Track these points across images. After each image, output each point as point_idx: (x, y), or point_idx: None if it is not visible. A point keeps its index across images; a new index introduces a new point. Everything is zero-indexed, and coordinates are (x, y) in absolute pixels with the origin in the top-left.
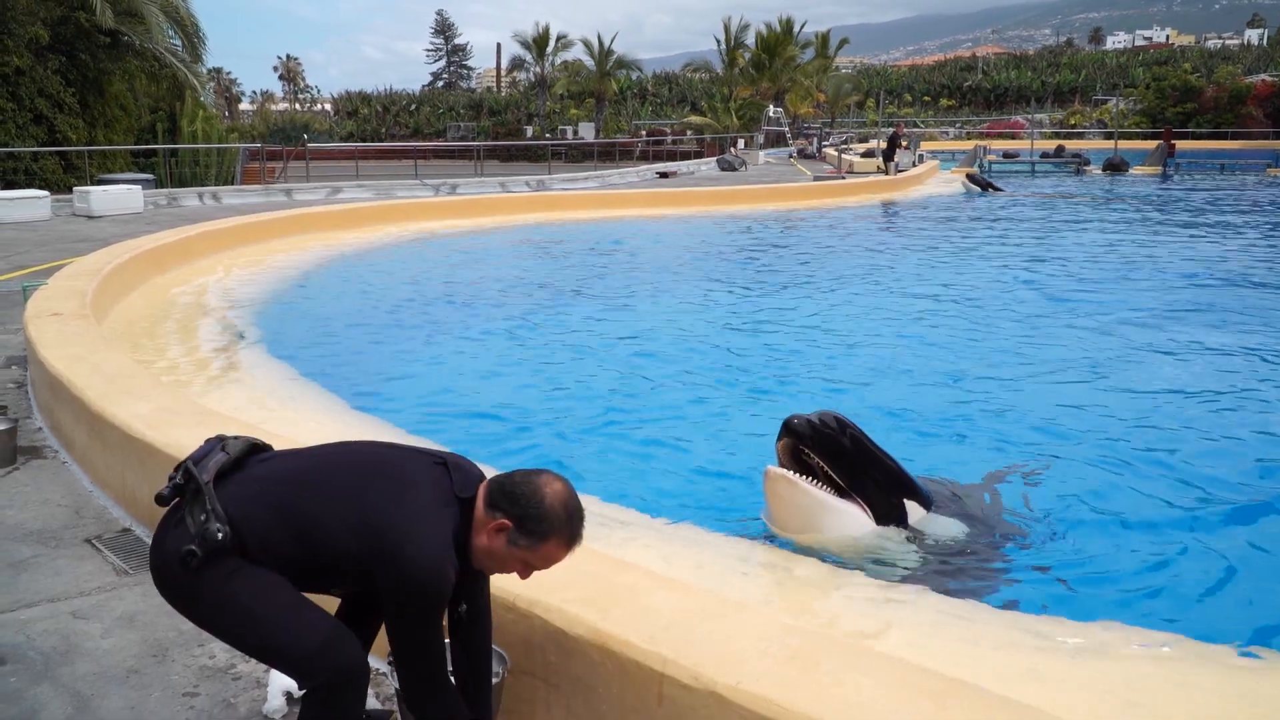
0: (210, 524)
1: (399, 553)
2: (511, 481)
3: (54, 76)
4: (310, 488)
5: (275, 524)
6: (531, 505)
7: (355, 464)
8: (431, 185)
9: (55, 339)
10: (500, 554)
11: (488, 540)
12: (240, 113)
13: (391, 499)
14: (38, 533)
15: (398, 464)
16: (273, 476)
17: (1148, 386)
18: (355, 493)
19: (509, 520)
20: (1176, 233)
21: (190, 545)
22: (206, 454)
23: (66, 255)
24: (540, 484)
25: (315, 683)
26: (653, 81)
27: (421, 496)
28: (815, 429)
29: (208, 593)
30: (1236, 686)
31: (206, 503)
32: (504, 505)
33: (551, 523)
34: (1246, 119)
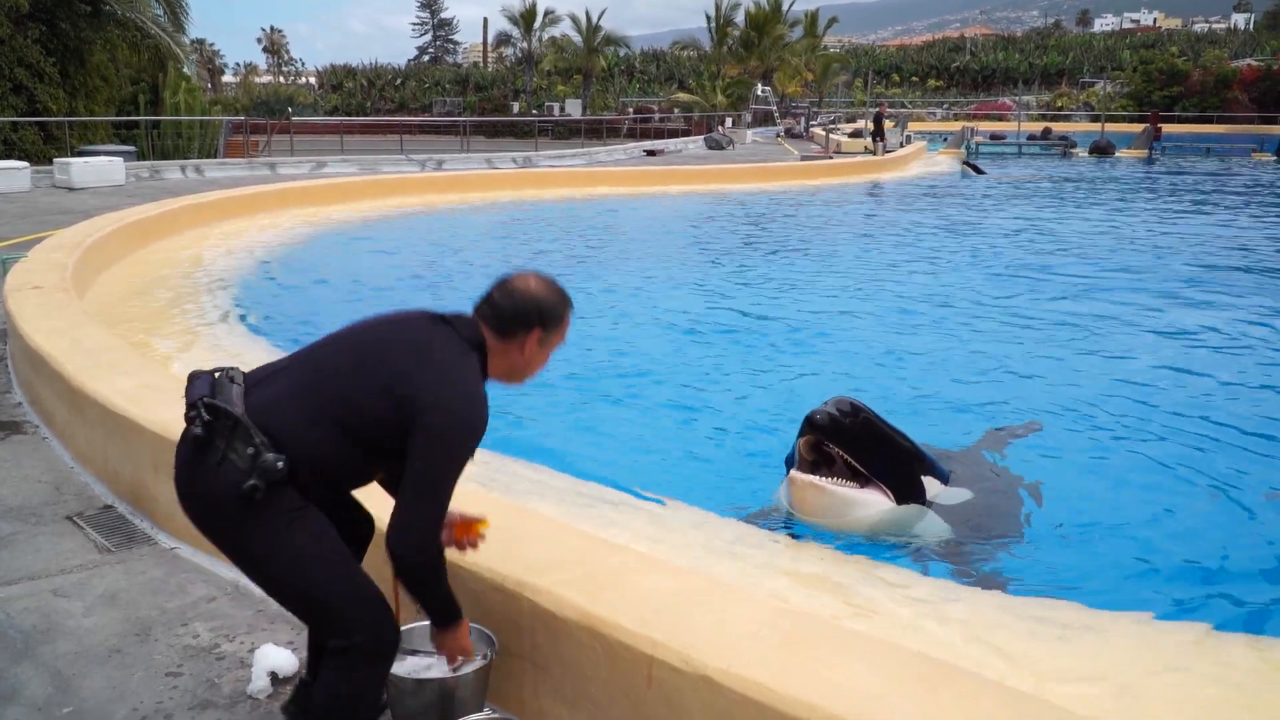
0: (263, 455)
1: (447, 403)
2: (501, 306)
3: (34, 46)
4: (331, 376)
5: (311, 425)
6: (540, 305)
7: (368, 342)
8: (417, 160)
9: (35, 312)
10: (538, 358)
11: (524, 356)
12: (223, 85)
13: (418, 359)
14: (17, 509)
15: (408, 332)
16: (293, 388)
17: (1144, 364)
18: (378, 364)
19: (538, 328)
20: (1163, 211)
21: (251, 480)
22: (214, 387)
23: (47, 228)
24: (524, 288)
25: (352, 642)
26: (640, 59)
27: (442, 351)
28: (836, 422)
29: (264, 534)
30: (1228, 671)
31: (252, 434)
32: (519, 324)
33: (559, 305)
34: (1232, 103)
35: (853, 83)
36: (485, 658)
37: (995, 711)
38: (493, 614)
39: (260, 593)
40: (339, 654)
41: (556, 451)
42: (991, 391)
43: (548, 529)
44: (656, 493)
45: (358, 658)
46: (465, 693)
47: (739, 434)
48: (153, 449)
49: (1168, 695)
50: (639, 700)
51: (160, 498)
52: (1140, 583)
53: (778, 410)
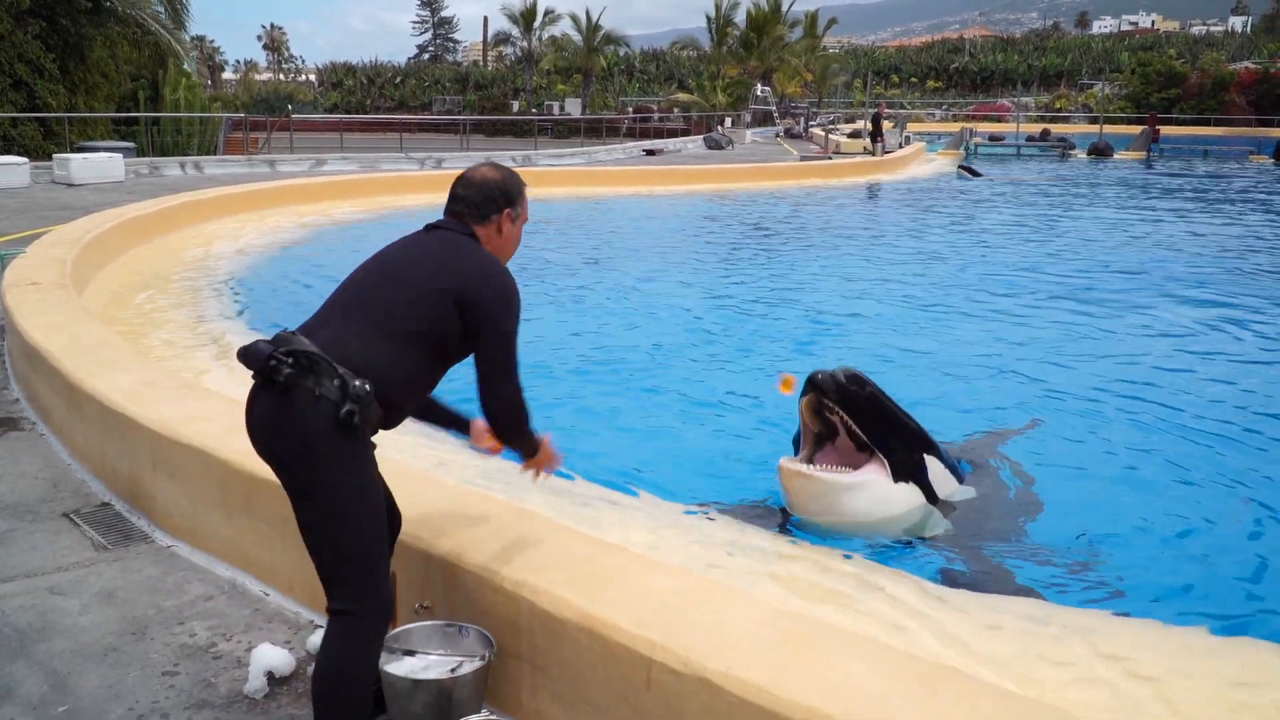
0: (350, 382)
1: (485, 279)
2: (470, 199)
3: (34, 42)
4: (375, 299)
5: (377, 343)
6: (501, 187)
7: (393, 261)
8: (416, 159)
9: (33, 308)
10: (513, 236)
11: (505, 233)
12: (223, 82)
13: (444, 259)
14: (13, 506)
15: (420, 244)
16: (342, 319)
17: (1145, 365)
18: (413, 275)
19: (506, 208)
20: (1163, 212)
21: (347, 406)
22: (285, 340)
23: (46, 223)
24: (480, 177)
25: (359, 608)
26: (640, 58)
27: (458, 245)
28: (839, 384)
29: (343, 460)
30: (1225, 672)
31: (336, 367)
32: (490, 207)
33: (516, 181)
34: (1229, 105)
35: (852, 83)
36: (483, 659)
37: (994, 713)
38: (491, 615)
39: (258, 591)
40: (343, 617)
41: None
42: (992, 390)
43: (546, 530)
44: (655, 492)
45: (359, 626)
46: (463, 694)
47: (738, 434)
48: (151, 446)
49: (1165, 697)
50: (637, 702)
51: (158, 495)
52: (1138, 584)
53: (776, 410)
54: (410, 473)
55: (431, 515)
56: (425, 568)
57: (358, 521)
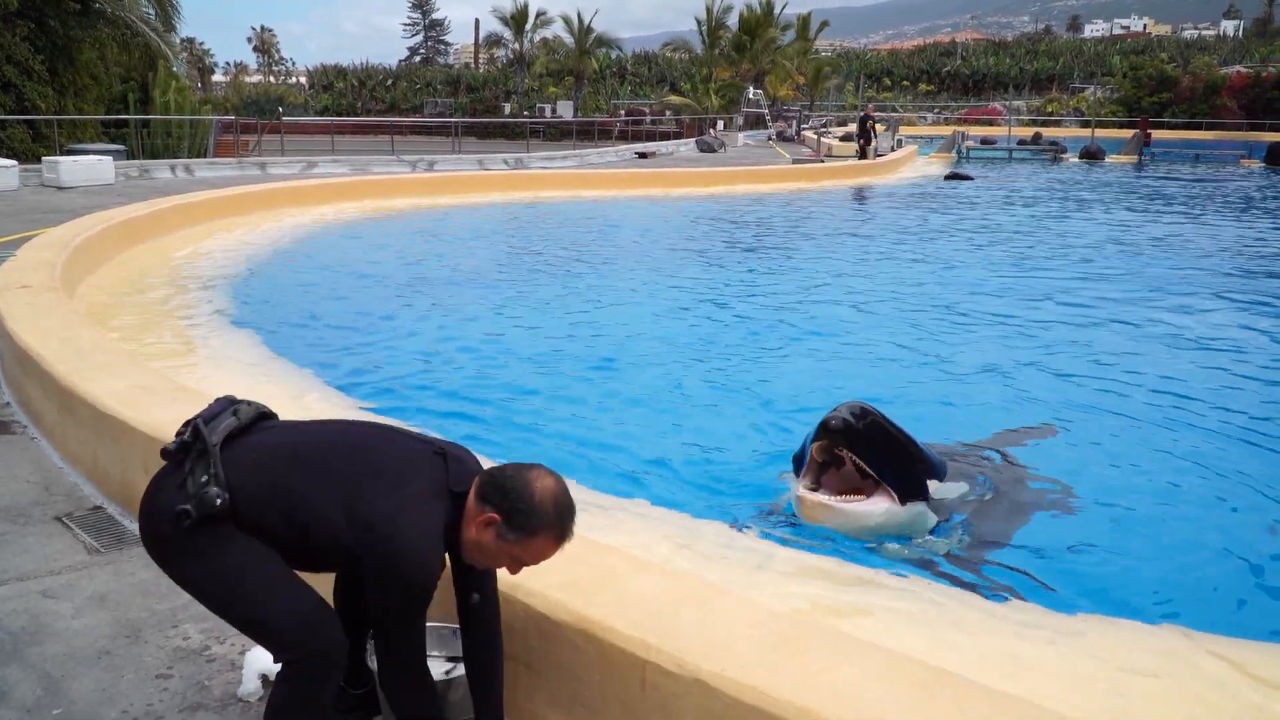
0: (209, 488)
1: (387, 544)
2: (503, 475)
3: (22, 43)
4: (307, 468)
5: (269, 500)
6: (521, 500)
7: (355, 448)
8: (408, 161)
9: (24, 312)
10: (490, 548)
11: (476, 533)
12: (213, 84)
13: (384, 490)
14: (6, 510)
15: (396, 453)
16: (273, 449)
17: (1141, 369)
18: (350, 479)
19: (497, 514)
20: (1156, 215)
21: (186, 505)
22: (217, 415)
23: (35, 226)
24: (531, 478)
25: (291, 657)
26: (632, 61)
27: (414, 487)
28: (850, 428)
29: (196, 556)
30: (1217, 675)
31: (211, 465)
32: (494, 498)
33: (540, 518)
34: (1221, 109)
35: (844, 86)
36: None
37: (988, 716)
38: None
39: None
40: (285, 668)
41: (548, 454)
42: (988, 393)
43: None
44: (650, 495)
45: (302, 673)
46: (457, 695)
47: (732, 436)
48: (143, 450)
49: (1158, 699)
50: (633, 704)
51: None
52: (1133, 587)
53: (772, 412)
54: None
55: None
56: None
57: (241, 593)
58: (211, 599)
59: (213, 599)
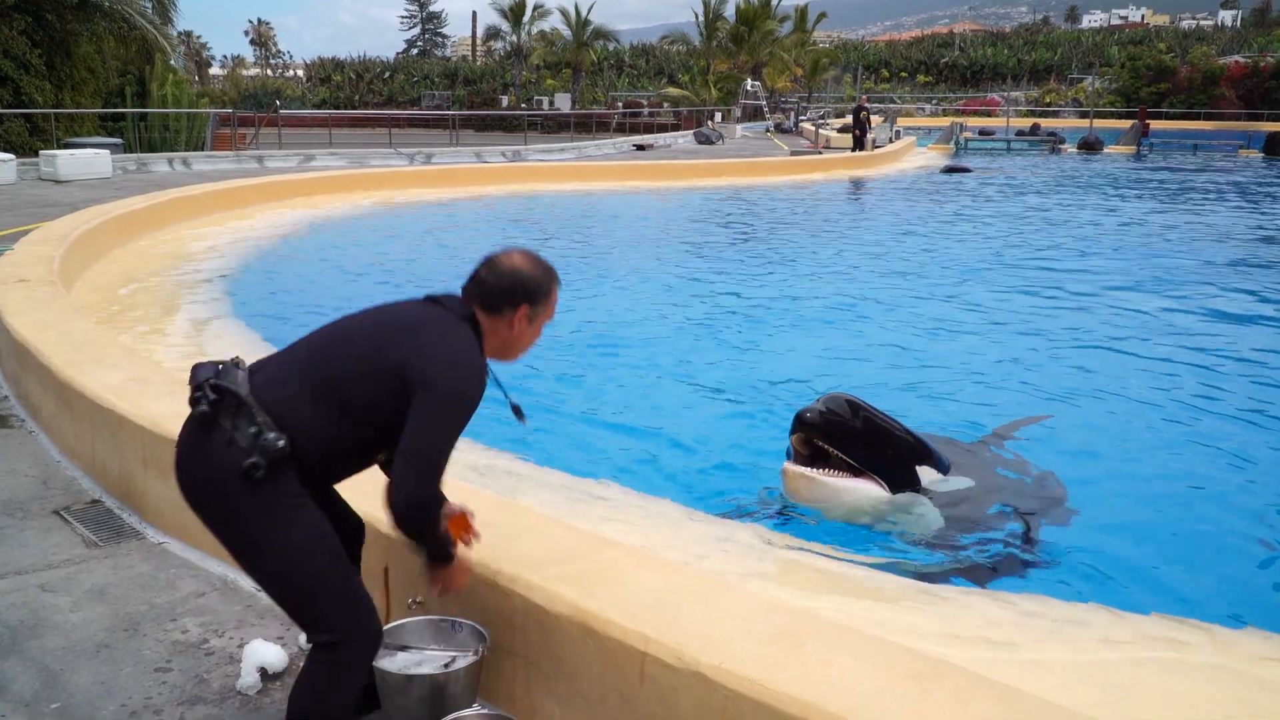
0: (265, 435)
1: (438, 362)
2: (488, 283)
3: (19, 37)
4: (329, 359)
5: (313, 406)
6: (526, 282)
7: (363, 325)
8: (406, 154)
9: (21, 306)
10: (527, 334)
11: (513, 332)
12: (211, 78)
13: (415, 335)
14: (4, 504)
15: (399, 312)
16: (290, 370)
17: (1142, 357)
18: (375, 344)
19: (524, 304)
20: (1154, 205)
21: (252, 459)
22: (220, 372)
23: (33, 220)
24: (509, 264)
25: (334, 638)
26: (630, 53)
27: (437, 324)
28: (824, 418)
29: (260, 519)
30: (1215, 667)
31: (255, 414)
32: (507, 300)
33: (545, 280)
34: (1219, 100)
35: (842, 78)
36: (477, 654)
37: (988, 707)
38: (484, 609)
39: (250, 587)
40: (321, 649)
41: (548, 447)
42: (985, 384)
43: (540, 524)
44: (649, 488)
45: (337, 656)
46: (456, 688)
47: (732, 428)
48: (141, 443)
49: (1157, 689)
50: (631, 697)
51: (149, 492)
52: (1135, 578)
53: (771, 404)
54: None
55: None
56: (418, 563)
57: (296, 563)
58: (263, 566)
59: (265, 566)
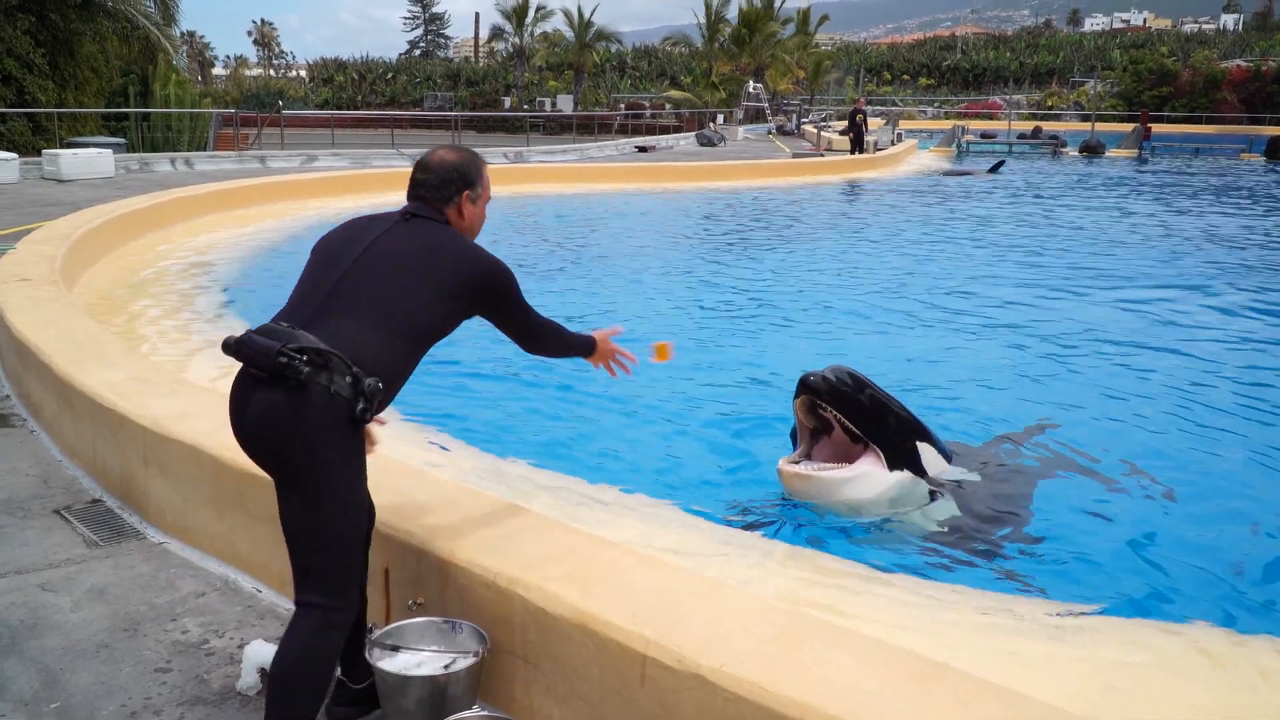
0: (363, 380)
1: (480, 265)
2: (430, 183)
3: (23, 37)
4: (381, 291)
5: (386, 341)
6: (459, 168)
7: (387, 250)
8: (408, 155)
9: (23, 304)
10: (477, 215)
11: (465, 215)
12: (213, 78)
13: (449, 251)
14: (4, 503)
15: (409, 232)
16: (332, 309)
17: (1145, 361)
18: (425, 267)
19: (465, 189)
20: (1158, 208)
21: (362, 405)
22: (281, 334)
23: (35, 219)
24: (437, 160)
25: (332, 604)
26: (632, 55)
27: (440, 236)
28: (829, 384)
29: (348, 465)
30: (1214, 669)
31: (348, 365)
32: (451, 192)
33: (473, 161)
34: (1221, 103)
35: (844, 80)
36: (476, 655)
37: (989, 709)
38: (484, 611)
39: (250, 588)
40: (315, 610)
41: (548, 449)
42: (990, 384)
43: (540, 526)
44: (648, 489)
45: (328, 620)
46: (456, 690)
47: (732, 429)
48: (142, 442)
49: (1157, 694)
50: (631, 698)
51: (150, 492)
52: (1135, 581)
53: (772, 406)
54: (403, 469)
55: (425, 512)
56: (418, 564)
57: (348, 518)
58: (325, 508)
59: (326, 508)
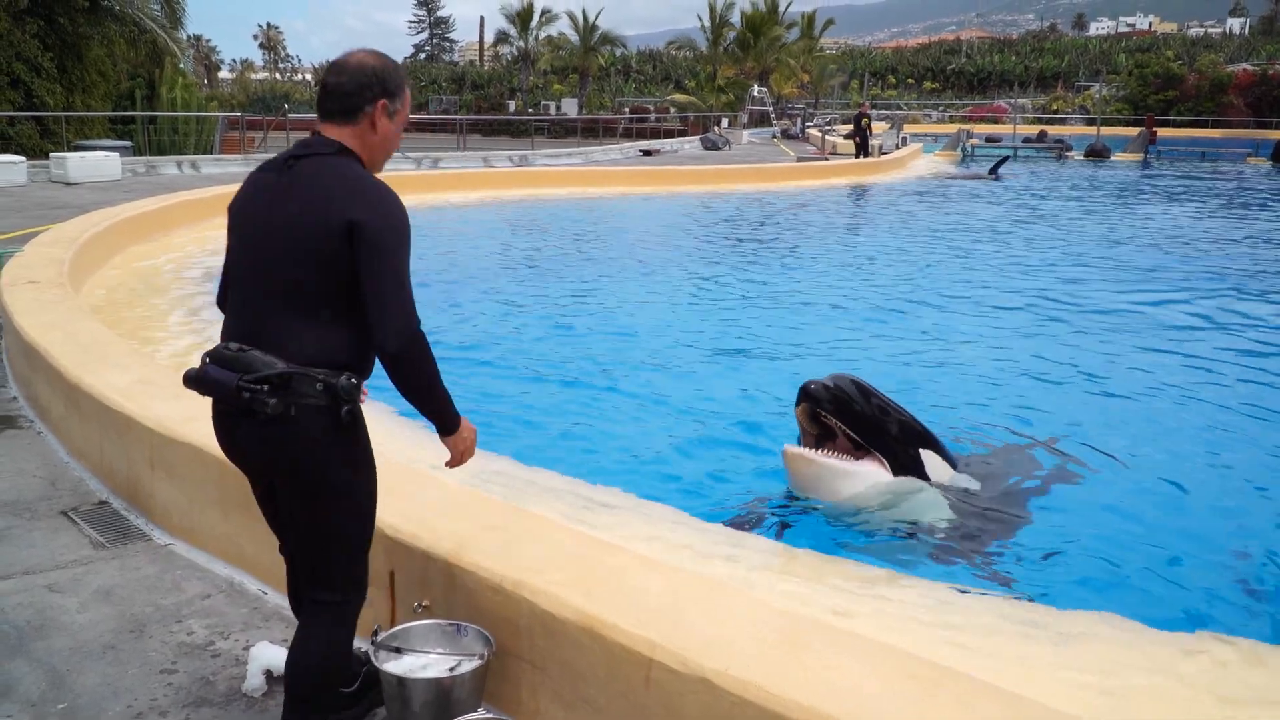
0: (331, 381)
1: (375, 204)
2: (343, 87)
3: (31, 40)
4: (275, 277)
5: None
6: (377, 72)
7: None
8: (413, 158)
9: (31, 307)
10: (392, 131)
11: (379, 129)
12: (219, 81)
13: (321, 206)
14: (12, 504)
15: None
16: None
17: (1155, 369)
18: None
19: (382, 99)
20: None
21: (346, 408)
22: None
23: (43, 222)
24: (354, 62)
25: (346, 599)
26: (637, 58)
27: (327, 177)
28: (830, 392)
29: (357, 465)
30: (1217, 676)
31: (311, 375)
32: (364, 99)
33: (393, 67)
34: (1227, 107)
35: (849, 84)
36: (482, 658)
37: (993, 713)
38: (490, 614)
39: (256, 589)
40: (331, 607)
41: (553, 453)
42: (998, 389)
43: (545, 529)
44: (654, 493)
45: (346, 614)
46: (462, 693)
47: (737, 433)
48: (149, 444)
49: (1158, 699)
50: (637, 701)
51: (156, 494)
52: (1139, 587)
53: (777, 410)
54: (410, 472)
55: (431, 515)
56: (425, 567)
57: (356, 516)
58: (338, 510)
59: (339, 510)
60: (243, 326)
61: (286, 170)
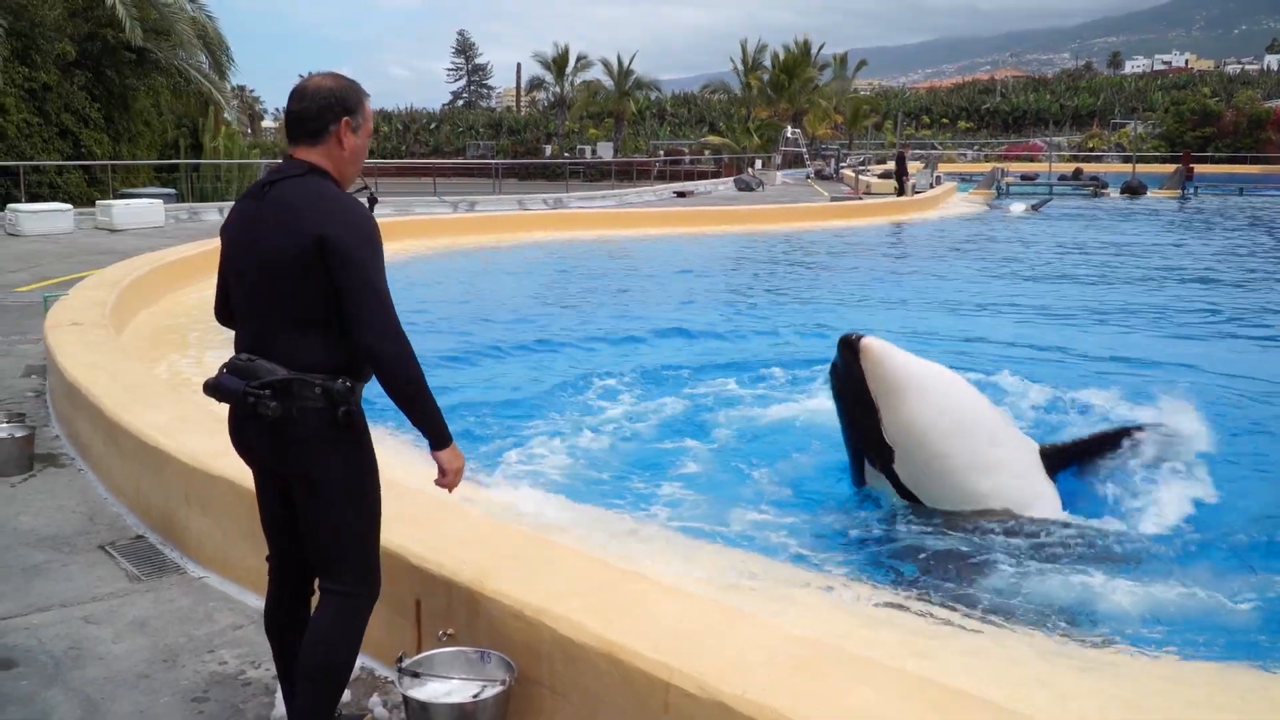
0: (327, 384)
1: (344, 215)
2: (306, 112)
3: (80, 92)
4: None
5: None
6: (336, 93)
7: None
8: (450, 202)
9: (74, 348)
10: (358, 145)
11: (345, 145)
12: (263, 129)
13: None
14: (51, 539)
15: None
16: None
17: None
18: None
19: (345, 116)
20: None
21: (343, 409)
22: (246, 371)
23: (88, 267)
24: (314, 86)
25: (358, 590)
26: (671, 102)
27: (300, 201)
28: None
29: (361, 464)
30: (1240, 703)
31: (309, 381)
32: (327, 120)
33: (351, 86)
34: (1265, 143)
35: (883, 125)
36: (504, 684)
37: None
38: (512, 640)
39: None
40: (342, 597)
41: (574, 481)
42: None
43: (566, 557)
44: (673, 520)
45: (359, 606)
46: (485, 718)
47: (758, 464)
48: (184, 480)
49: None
50: None
51: (190, 527)
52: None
53: (800, 443)
54: (434, 503)
55: (454, 545)
56: (448, 596)
57: (361, 511)
58: (341, 501)
59: (342, 501)
60: (250, 339)
61: (262, 196)
